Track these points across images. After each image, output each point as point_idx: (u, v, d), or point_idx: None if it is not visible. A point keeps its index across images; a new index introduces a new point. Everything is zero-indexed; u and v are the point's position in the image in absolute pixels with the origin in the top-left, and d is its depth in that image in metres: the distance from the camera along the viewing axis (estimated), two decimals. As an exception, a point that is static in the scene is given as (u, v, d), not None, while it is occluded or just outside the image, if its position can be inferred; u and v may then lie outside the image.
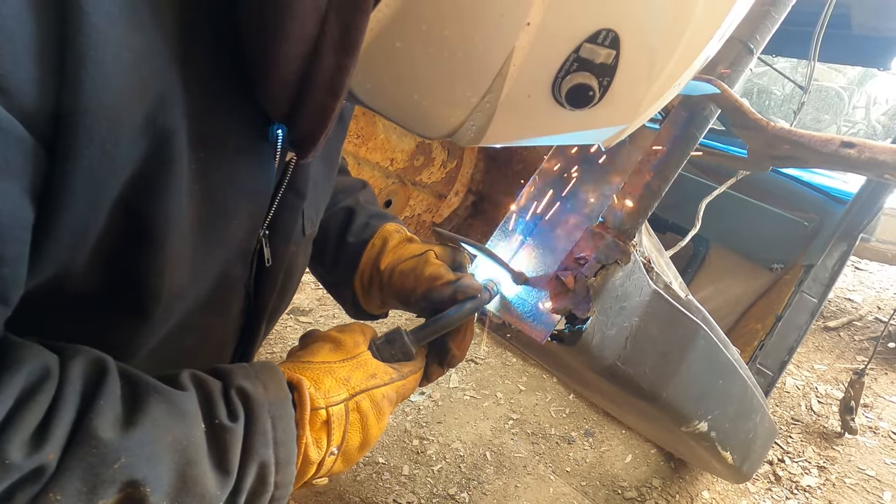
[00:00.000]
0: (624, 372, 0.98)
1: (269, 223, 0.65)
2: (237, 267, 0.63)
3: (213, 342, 0.69)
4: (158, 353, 0.59)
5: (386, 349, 0.71)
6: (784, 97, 6.25)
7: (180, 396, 0.49)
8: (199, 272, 0.55)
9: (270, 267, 0.68)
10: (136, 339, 0.55)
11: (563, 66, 0.46)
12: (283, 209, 0.65)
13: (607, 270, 0.84)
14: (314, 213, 0.75)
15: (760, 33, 0.89)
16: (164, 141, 0.42)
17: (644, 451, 2.39)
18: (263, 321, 0.74)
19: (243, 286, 0.67)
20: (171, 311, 0.54)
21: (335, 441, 0.60)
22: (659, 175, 0.84)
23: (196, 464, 0.47)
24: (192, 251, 0.52)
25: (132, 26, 0.37)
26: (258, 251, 0.66)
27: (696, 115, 0.87)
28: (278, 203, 0.64)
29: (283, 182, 0.63)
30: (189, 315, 0.59)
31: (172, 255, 0.48)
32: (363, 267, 0.87)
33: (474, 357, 2.88)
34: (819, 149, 0.74)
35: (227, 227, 0.55)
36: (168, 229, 0.46)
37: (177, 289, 0.52)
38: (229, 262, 0.60)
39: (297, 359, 0.65)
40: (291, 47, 0.43)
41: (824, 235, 2.24)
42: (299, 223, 0.70)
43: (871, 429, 2.64)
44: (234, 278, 0.64)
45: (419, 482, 2.13)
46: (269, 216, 0.64)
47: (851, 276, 4.22)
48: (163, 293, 0.50)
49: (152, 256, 0.47)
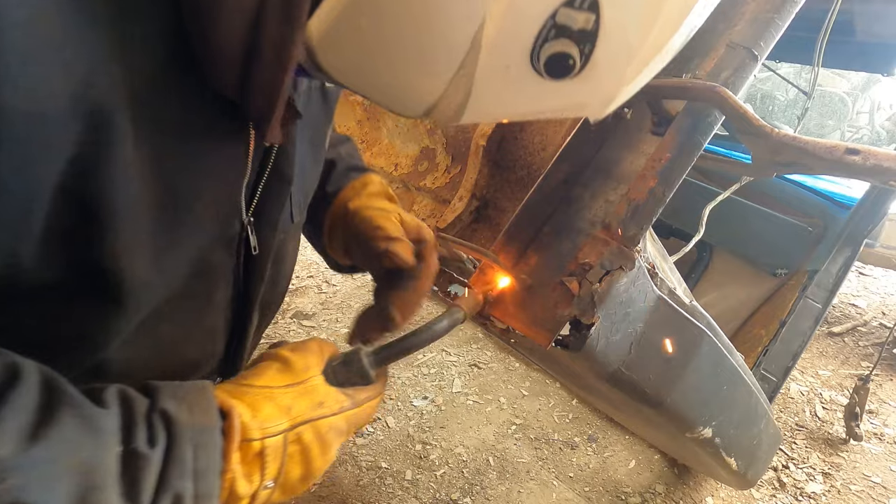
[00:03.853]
0: (628, 377, 0.98)
1: (255, 210, 0.63)
2: (217, 254, 0.61)
3: (198, 333, 0.66)
4: (137, 344, 0.57)
5: (342, 371, 0.64)
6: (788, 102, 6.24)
7: (98, 414, 0.45)
8: (166, 257, 0.53)
9: (258, 255, 0.66)
10: (107, 328, 0.53)
11: (541, 34, 0.43)
12: (269, 195, 0.64)
13: (612, 276, 0.85)
14: (302, 198, 0.74)
15: (765, 40, 0.89)
16: (102, 123, 0.42)
17: (648, 456, 2.38)
18: (254, 312, 0.72)
19: (229, 274, 0.65)
20: (140, 299, 0.52)
21: (270, 474, 0.55)
22: (663, 181, 0.85)
23: (101, 489, 0.43)
24: (153, 236, 0.50)
25: (42, 11, 0.37)
26: (244, 239, 0.64)
27: (700, 122, 0.88)
28: (262, 189, 0.63)
29: (267, 167, 0.62)
30: (166, 303, 0.57)
31: (127, 239, 0.48)
32: (335, 206, 0.84)
33: (477, 362, 2.88)
34: (823, 155, 0.74)
35: (190, 210, 0.53)
36: (115, 212, 0.46)
37: (141, 274, 0.51)
38: (204, 248, 0.58)
39: (238, 380, 0.59)
40: (232, 21, 0.43)
41: (828, 241, 2.24)
42: (287, 209, 0.69)
43: (876, 435, 2.63)
44: (215, 265, 0.62)
45: (422, 487, 2.13)
46: (254, 203, 0.63)
47: (856, 281, 4.21)
48: (125, 278, 0.49)
49: (104, 241, 0.46)
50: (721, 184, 2.63)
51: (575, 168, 0.97)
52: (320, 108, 0.73)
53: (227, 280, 0.65)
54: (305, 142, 0.69)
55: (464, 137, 1.26)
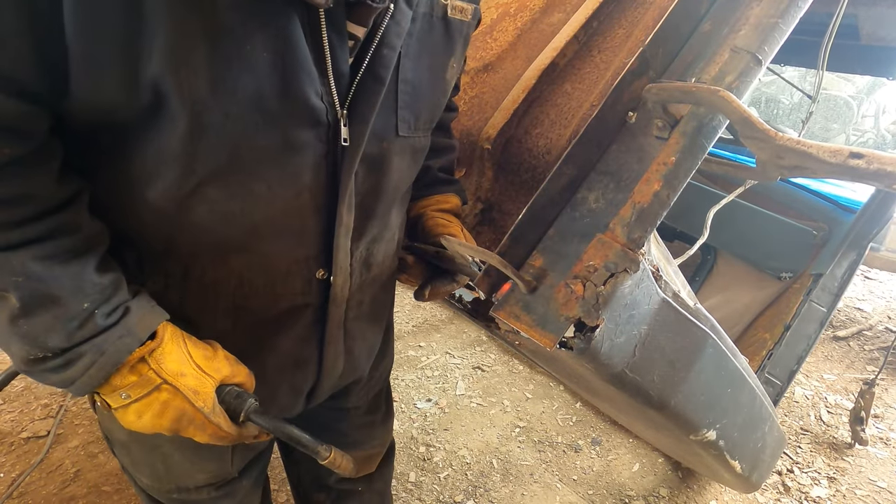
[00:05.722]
0: (632, 380, 0.98)
1: (349, 105, 0.72)
2: (303, 132, 0.69)
3: (289, 207, 0.73)
4: (232, 194, 0.68)
5: (229, 397, 0.74)
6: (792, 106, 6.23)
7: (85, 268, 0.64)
8: (221, 88, 0.60)
9: (347, 147, 0.73)
10: (182, 152, 0.62)
11: None
12: (362, 91, 0.72)
13: (616, 279, 0.85)
14: (410, 116, 0.81)
15: (769, 45, 0.90)
16: None
17: (651, 459, 2.38)
18: (343, 206, 0.78)
19: (320, 159, 0.72)
20: (200, 120, 0.61)
21: (132, 393, 0.67)
22: (668, 185, 0.85)
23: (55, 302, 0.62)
24: (206, 60, 0.58)
25: None
26: (334, 128, 0.71)
27: (704, 126, 0.88)
28: (357, 84, 0.71)
29: (362, 65, 0.71)
30: (255, 161, 0.67)
31: (176, 49, 0.56)
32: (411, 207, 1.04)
33: (481, 364, 2.88)
34: (827, 159, 0.75)
35: (239, 50, 0.60)
36: (160, 16, 0.54)
37: (195, 92, 0.59)
38: (276, 113, 0.65)
39: (193, 339, 0.73)
40: None
41: (833, 244, 2.23)
42: (386, 116, 0.78)
43: (881, 440, 2.61)
44: (302, 143, 0.69)
45: (425, 489, 2.13)
46: (349, 97, 0.71)
47: (861, 285, 4.19)
48: (176, 91, 0.58)
49: (158, 50, 0.55)
50: (725, 187, 2.63)
51: (579, 171, 0.97)
52: (441, 38, 0.82)
53: (316, 165, 0.73)
54: (423, 67, 0.80)
55: (468, 141, 1.27)
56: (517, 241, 0.93)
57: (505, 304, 0.92)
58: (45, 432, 2.18)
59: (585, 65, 1.18)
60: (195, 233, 0.71)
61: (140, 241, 0.71)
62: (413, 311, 3.32)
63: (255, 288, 0.79)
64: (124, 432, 0.91)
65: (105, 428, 0.95)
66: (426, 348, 3.00)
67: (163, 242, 0.72)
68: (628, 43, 1.09)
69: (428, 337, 3.10)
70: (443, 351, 2.97)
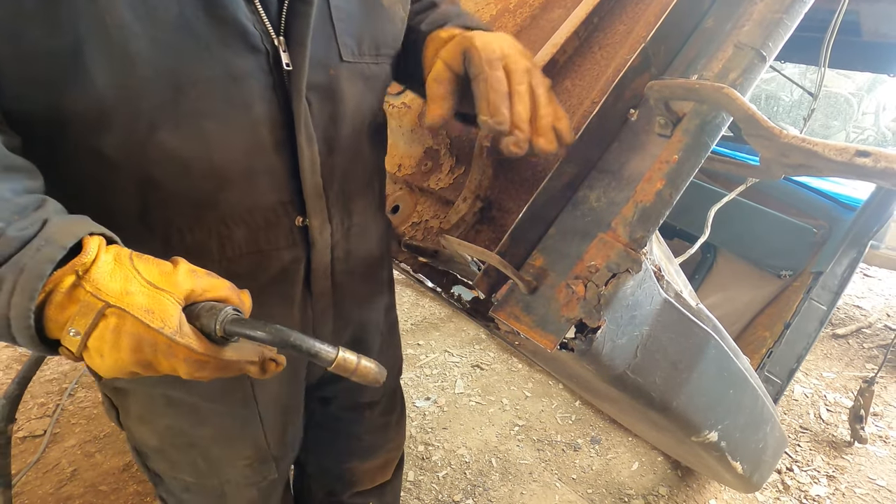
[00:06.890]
0: (634, 381, 0.97)
1: (285, 31, 0.72)
2: (246, 60, 0.69)
3: (245, 143, 0.73)
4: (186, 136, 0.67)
5: (202, 311, 0.60)
6: (792, 103, 6.22)
7: None
8: (142, 10, 0.61)
9: (292, 71, 0.73)
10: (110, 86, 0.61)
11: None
12: (292, 15, 0.72)
13: (618, 279, 0.84)
14: (351, 41, 0.81)
15: (773, 41, 0.88)
16: None
17: (651, 458, 2.37)
18: (301, 137, 0.77)
19: (267, 91, 0.72)
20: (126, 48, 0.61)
21: (76, 325, 0.55)
22: (671, 183, 0.84)
23: None
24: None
25: None
26: (274, 56, 0.71)
27: (708, 123, 0.87)
28: (287, 9, 0.72)
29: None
30: (201, 97, 0.67)
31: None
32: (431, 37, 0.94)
33: (480, 363, 2.87)
34: (833, 158, 0.73)
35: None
36: None
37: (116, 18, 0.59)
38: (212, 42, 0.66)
39: (138, 255, 0.60)
40: None
41: (833, 242, 2.23)
42: (332, 45, 0.78)
43: (881, 438, 2.61)
44: (246, 73, 0.69)
45: (424, 488, 2.13)
46: (282, 24, 0.72)
47: (861, 283, 4.19)
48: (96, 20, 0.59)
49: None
50: (725, 185, 2.62)
51: (581, 170, 0.96)
52: None
53: (265, 97, 0.72)
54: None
55: (468, 138, 1.25)
56: (517, 241, 0.92)
57: (505, 304, 0.91)
58: (41, 431, 2.17)
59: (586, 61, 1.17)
60: (162, 194, 0.70)
61: (119, 216, 0.70)
62: (412, 310, 3.31)
63: (238, 245, 0.78)
64: (155, 437, 0.90)
65: (134, 442, 0.93)
66: (425, 346, 2.99)
67: (137, 215, 0.71)
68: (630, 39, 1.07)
69: (427, 335, 3.09)
70: (441, 349, 2.96)
